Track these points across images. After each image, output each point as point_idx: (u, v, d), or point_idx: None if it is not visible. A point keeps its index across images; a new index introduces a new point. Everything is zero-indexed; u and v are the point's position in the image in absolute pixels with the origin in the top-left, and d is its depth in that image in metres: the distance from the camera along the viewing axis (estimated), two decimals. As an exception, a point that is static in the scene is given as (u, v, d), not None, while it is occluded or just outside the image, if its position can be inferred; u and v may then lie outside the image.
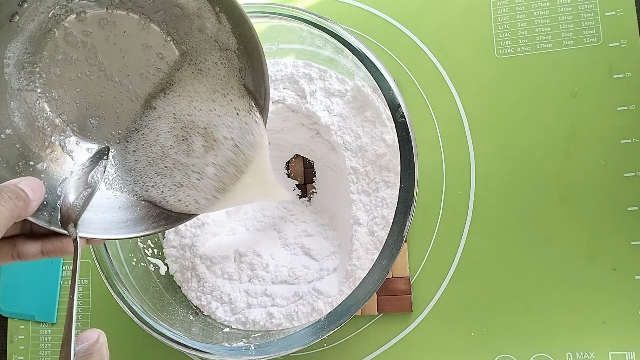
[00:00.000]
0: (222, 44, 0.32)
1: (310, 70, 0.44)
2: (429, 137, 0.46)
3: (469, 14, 0.47)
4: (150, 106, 0.34)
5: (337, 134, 0.43)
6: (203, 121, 0.33)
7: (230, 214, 0.49)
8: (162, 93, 0.34)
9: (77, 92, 0.33)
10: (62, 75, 0.32)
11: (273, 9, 0.40)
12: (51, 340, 0.53)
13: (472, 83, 0.46)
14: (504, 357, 0.43)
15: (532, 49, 0.46)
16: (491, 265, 0.44)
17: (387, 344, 0.45)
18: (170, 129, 0.34)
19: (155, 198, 0.34)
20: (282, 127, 0.48)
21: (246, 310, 0.44)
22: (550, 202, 0.44)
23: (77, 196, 0.31)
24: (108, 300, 0.42)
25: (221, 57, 0.33)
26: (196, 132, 0.33)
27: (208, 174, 0.34)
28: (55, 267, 0.53)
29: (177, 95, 0.34)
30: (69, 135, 0.34)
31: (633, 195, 0.42)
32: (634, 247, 0.42)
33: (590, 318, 0.42)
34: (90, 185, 0.32)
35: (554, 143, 0.44)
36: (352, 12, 0.50)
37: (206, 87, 0.33)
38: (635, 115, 0.43)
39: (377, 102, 0.42)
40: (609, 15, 0.44)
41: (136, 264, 0.44)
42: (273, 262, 0.45)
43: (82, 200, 0.31)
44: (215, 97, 0.33)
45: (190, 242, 0.46)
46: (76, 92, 0.33)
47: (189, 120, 0.33)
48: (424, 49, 0.48)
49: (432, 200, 0.46)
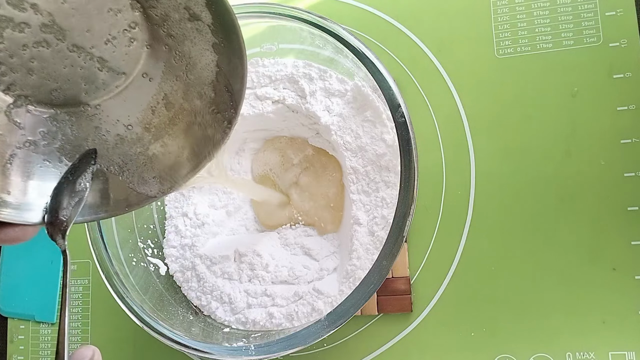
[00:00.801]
0: (192, 13, 0.29)
1: (310, 70, 0.44)
2: (429, 137, 0.46)
3: (469, 14, 0.47)
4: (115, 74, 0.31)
5: (337, 134, 0.43)
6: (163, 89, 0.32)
7: (231, 214, 0.49)
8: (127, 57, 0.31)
9: (30, 61, 0.30)
10: (10, 43, 0.29)
11: (273, 9, 0.40)
12: (51, 340, 0.53)
13: (472, 83, 0.46)
14: (504, 357, 0.43)
15: (532, 49, 0.46)
16: (491, 265, 0.44)
17: (387, 344, 0.45)
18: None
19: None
20: (282, 127, 0.48)
21: (246, 310, 0.44)
22: (550, 202, 0.44)
23: (65, 205, 0.30)
24: (108, 300, 0.42)
25: (192, 27, 0.30)
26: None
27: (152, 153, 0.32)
28: (55, 267, 0.53)
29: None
30: (20, 106, 0.31)
31: (633, 195, 0.42)
32: (634, 247, 0.42)
33: (590, 318, 0.42)
34: (78, 193, 0.31)
35: (554, 143, 0.44)
36: (352, 12, 0.50)
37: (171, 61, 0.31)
38: (635, 115, 0.43)
39: (377, 102, 0.42)
40: (609, 15, 0.44)
41: (136, 264, 0.44)
42: (273, 262, 0.45)
43: (70, 209, 0.30)
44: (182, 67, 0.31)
45: (190, 242, 0.46)
46: (30, 62, 0.30)
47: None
48: (424, 49, 0.48)
49: (432, 200, 0.46)
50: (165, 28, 0.30)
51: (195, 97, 0.32)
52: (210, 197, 0.48)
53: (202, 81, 0.32)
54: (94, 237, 0.42)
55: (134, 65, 0.32)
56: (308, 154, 0.48)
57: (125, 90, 0.32)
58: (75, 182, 0.31)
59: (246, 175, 0.50)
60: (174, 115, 0.33)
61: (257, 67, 0.46)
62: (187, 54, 0.31)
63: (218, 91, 0.32)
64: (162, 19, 0.30)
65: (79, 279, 0.53)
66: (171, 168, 0.34)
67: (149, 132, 0.33)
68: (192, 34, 0.30)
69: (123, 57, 0.31)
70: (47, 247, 0.53)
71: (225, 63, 0.31)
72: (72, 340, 0.52)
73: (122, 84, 0.32)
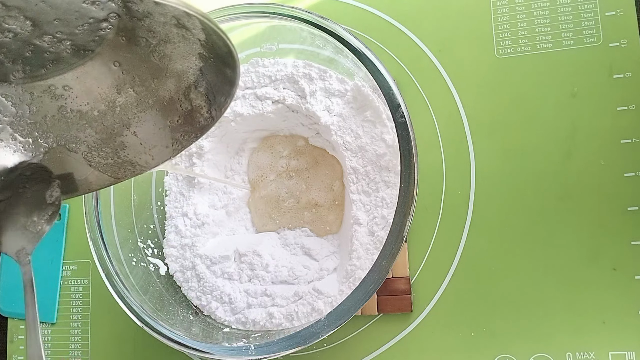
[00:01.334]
0: (181, 23, 0.28)
1: (310, 70, 0.44)
2: (429, 137, 0.47)
3: (469, 13, 0.47)
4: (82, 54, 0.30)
5: (337, 134, 0.43)
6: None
7: (231, 214, 0.49)
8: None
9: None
10: None
11: (273, 9, 0.40)
12: (51, 340, 0.53)
13: (472, 83, 0.46)
14: (504, 357, 0.43)
15: (532, 49, 0.46)
16: (491, 265, 0.44)
17: (387, 344, 0.45)
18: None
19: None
20: (282, 127, 0.48)
21: (246, 310, 0.44)
22: (550, 202, 0.44)
23: (37, 219, 0.29)
24: (108, 300, 0.42)
25: (178, 33, 0.29)
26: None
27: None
28: (55, 267, 0.53)
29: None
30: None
31: (633, 195, 0.42)
32: (634, 247, 0.42)
33: (590, 318, 0.42)
34: (50, 207, 0.30)
35: (554, 143, 0.44)
36: (352, 12, 0.50)
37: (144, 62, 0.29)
38: (635, 115, 0.43)
39: (377, 102, 0.42)
40: (609, 15, 0.44)
41: (136, 264, 0.44)
42: (273, 262, 0.45)
43: (44, 222, 0.29)
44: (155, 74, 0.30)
45: (190, 242, 0.46)
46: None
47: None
48: (424, 49, 0.48)
49: (432, 200, 0.46)
50: (146, 23, 0.29)
51: (166, 92, 0.31)
52: (210, 197, 0.48)
53: (178, 82, 0.30)
54: (94, 237, 0.42)
55: (103, 47, 0.30)
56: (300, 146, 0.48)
57: (91, 69, 0.31)
58: (38, 193, 0.30)
59: (245, 176, 0.50)
60: (138, 102, 0.32)
61: (257, 67, 0.46)
62: (166, 53, 0.30)
63: (195, 97, 0.31)
64: (143, 15, 0.28)
65: (79, 279, 0.53)
66: (131, 154, 0.33)
67: (113, 113, 0.32)
68: (177, 38, 0.29)
69: (92, 38, 0.29)
70: (47, 247, 0.54)
71: (212, 74, 0.29)
72: (72, 340, 0.52)
73: (89, 62, 0.31)
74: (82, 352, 0.52)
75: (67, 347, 0.52)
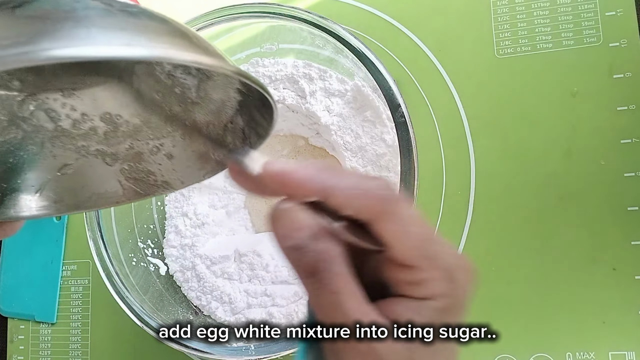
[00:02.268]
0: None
1: (310, 70, 0.44)
2: (429, 137, 0.46)
3: (469, 14, 0.47)
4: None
5: (337, 134, 0.43)
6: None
7: (231, 214, 0.49)
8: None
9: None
10: None
11: (273, 9, 0.40)
12: (51, 340, 0.53)
13: (472, 83, 0.46)
14: (504, 357, 0.43)
15: (532, 49, 0.46)
16: (491, 265, 0.44)
17: (387, 344, 0.45)
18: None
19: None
20: (282, 126, 0.48)
21: (246, 310, 0.44)
22: (550, 202, 0.44)
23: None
24: (108, 300, 0.42)
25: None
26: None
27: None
28: (55, 267, 0.53)
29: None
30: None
31: (633, 195, 0.42)
32: (634, 247, 0.42)
33: (590, 318, 0.42)
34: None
35: (554, 143, 0.44)
36: (352, 12, 0.50)
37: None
38: (635, 115, 0.43)
39: (377, 102, 0.42)
40: (609, 15, 0.44)
41: (136, 264, 0.44)
42: (273, 262, 0.45)
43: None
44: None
45: (190, 242, 0.46)
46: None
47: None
48: (424, 49, 0.48)
49: (432, 200, 0.46)
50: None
51: (199, 122, 0.29)
52: (210, 197, 0.48)
53: (217, 112, 0.28)
54: (94, 237, 0.42)
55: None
56: (300, 146, 0.48)
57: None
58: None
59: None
60: (172, 128, 0.30)
61: (257, 67, 0.46)
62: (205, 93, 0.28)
63: (230, 130, 0.28)
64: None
65: (79, 279, 0.53)
66: (147, 174, 0.33)
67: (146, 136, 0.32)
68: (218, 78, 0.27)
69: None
70: (47, 247, 0.53)
71: (250, 109, 0.27)
72: (72, 340, 0.52)
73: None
74: (82, 352, 0.52)
75: (67, 347, 0.52)
